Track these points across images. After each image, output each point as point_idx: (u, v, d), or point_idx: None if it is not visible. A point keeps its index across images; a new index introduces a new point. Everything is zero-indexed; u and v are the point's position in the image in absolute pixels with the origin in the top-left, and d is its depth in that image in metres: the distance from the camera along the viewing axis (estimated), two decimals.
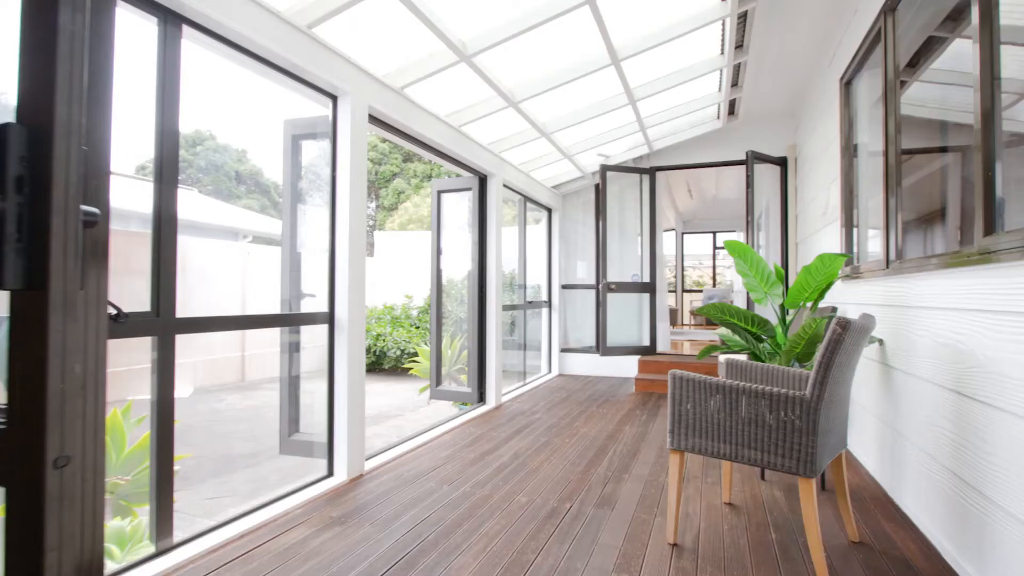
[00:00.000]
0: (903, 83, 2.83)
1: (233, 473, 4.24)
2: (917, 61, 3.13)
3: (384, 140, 27.69)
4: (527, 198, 6.03)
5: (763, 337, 2.96)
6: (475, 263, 4.85)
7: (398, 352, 9.79)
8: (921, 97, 3.29)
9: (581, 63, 3.85)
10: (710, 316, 3.01)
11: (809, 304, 2.91)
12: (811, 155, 4.90)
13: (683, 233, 13.02)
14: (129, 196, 8.35)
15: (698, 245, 14.12)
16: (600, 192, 5.96)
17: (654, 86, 4.43)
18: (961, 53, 2.87)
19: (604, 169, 5.94)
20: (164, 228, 2.20)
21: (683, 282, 12.69)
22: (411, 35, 3.16)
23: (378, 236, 13.13)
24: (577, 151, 5.53)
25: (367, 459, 3.20)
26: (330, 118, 3.04)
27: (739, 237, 12.82)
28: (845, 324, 1.90)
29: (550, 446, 3.63)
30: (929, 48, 3.11)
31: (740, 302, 12.97)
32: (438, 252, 5.08)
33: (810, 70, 4.60)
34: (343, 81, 2.95)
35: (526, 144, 5.02)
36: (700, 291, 13.41)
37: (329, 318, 2.94)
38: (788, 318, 2.99)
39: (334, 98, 3.02)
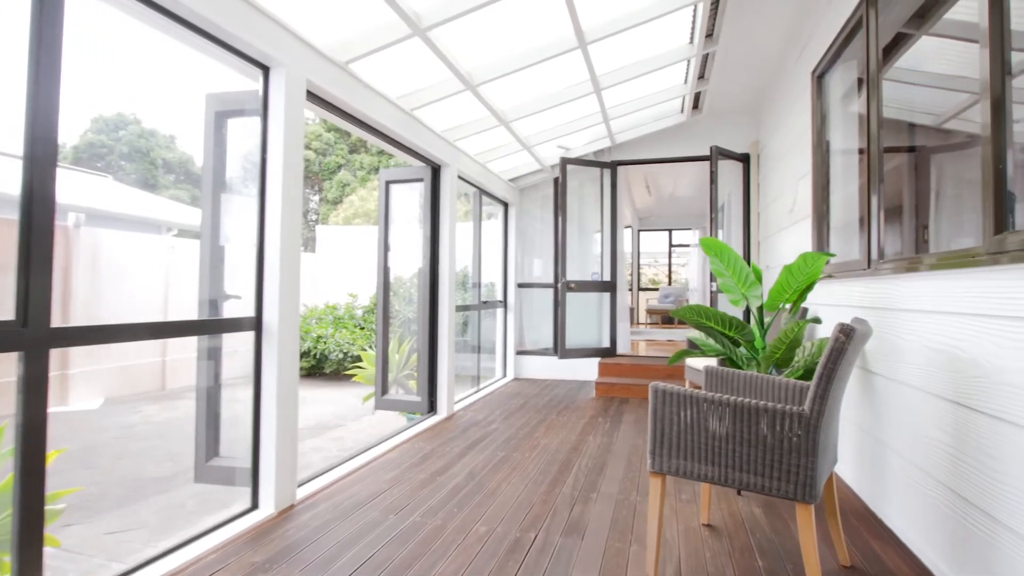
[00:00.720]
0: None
1: (143, 501, 3.70)
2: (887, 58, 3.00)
3: (329, 129, 26.65)
4: (483, 191, 5.69)
5: (740, 341, 2.75)
6: (426, 260, 4.48)
7: (341, 355, 9.24)
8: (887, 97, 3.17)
9: (547, 45, 3.55)
10: (686, 319, 2.77)
11: (787, 306, 2.71)
12: (776, 152, 4.79)
13: (639, 231, 13.01)
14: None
15: (654, 243, 14.18)
16: (560, 186, 5.70)
17: (620, 74, 4.19)
18: (924, 52, 2.76)
19: (564, 162, 5.68)
20: (37, 215, 1.73)
21: (639, 280, 12.68)
22: (358, 2, 2.77)
23: (320, 231, 12.46)
24: (537, 142, 5.24)
25: (300, 485, 2.78)
26: (260, 92, 2.61)
27: (694, 235, 12.93)
28: (848, 331, 1.68)
29: (509, 462, 3.31)
30: (897, 45, 2.98)
31: (697, 300, 13.10)
32: (386, 248, 4.67)
33: (777, 64, 4.48)
34: (277, 49, 2.53)
35: (484, 133, 4.69)
36: (656, 289, 13.45)
37: (256, 323, 2.51)
38: (766, 321, 2.79)
39: (266, 69, 2.59)
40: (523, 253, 6.76)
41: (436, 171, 4.54)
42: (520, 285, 6.70)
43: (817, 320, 2.55)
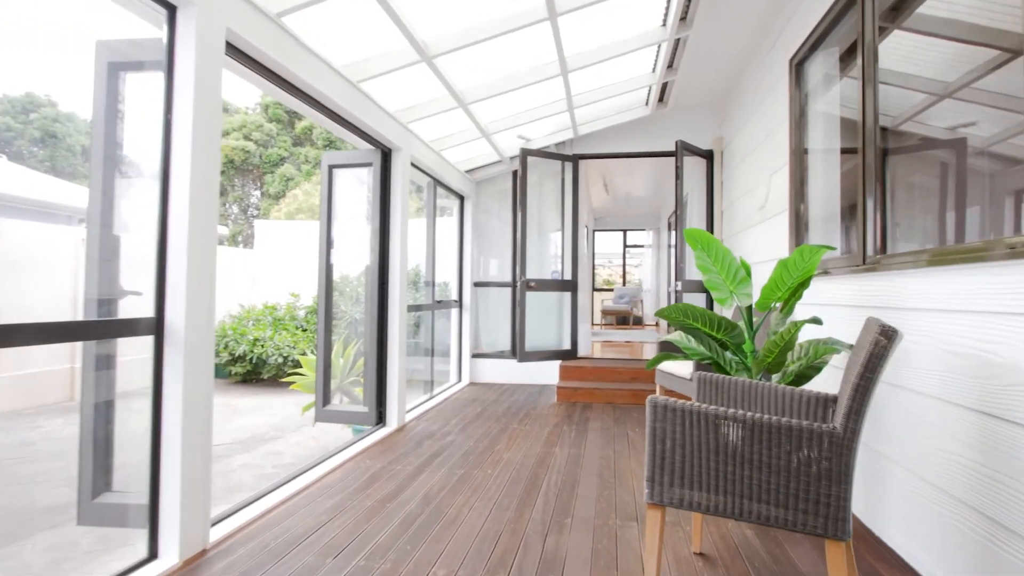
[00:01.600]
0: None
1: (29, 538, 3.08)
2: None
3: (272, 119, 25.43)
4: (438, 181, 5.27)
5: (728, 344, 2.47)
6: (375, 254, 4.03)
7: (280, 359, 8.57)
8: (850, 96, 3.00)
9: (514, 15, 3.19)
10: (670, 319, 2.47)
11: (778, 305, 2.46)
12: (742, 148, 4.62)
13: (594, 231, 12.86)
14: None
15: (608, 244, 14.08)
16: (520, 179, 5.36)
17: (589, 56, 3.88)
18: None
19: (525, 153, 5.34)
20: None
21: (594, 280, 12.53)
22: None
23: (259, 225, 11.64)
24: (497, 129, 4.88)
25: (215, 523, 2.30)
26: (165, 39, 2.12)
27: (648, 237, 12.90)
28: (891, 333, 1.39)
29: (469, 481, 2.92)
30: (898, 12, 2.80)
31: (651, 301, 13.08)
32: (328, 242, 4.18)
33: (748, 55, 4.29)
34: None
35: (440, 116, 4.28)
36: (611, 290, 13.35)
37: (156, 326, 2.02)
38: (755, 322, 2.53)
39: (171, 8, 2.10)
40: (480, 250, 6.38)
41: (386, 156, 4.09)
42: (476, 284, 6.32)
43: (817, 321, 2.30)
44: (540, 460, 3.30)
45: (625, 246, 13.51)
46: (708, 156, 5.50)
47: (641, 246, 13.59)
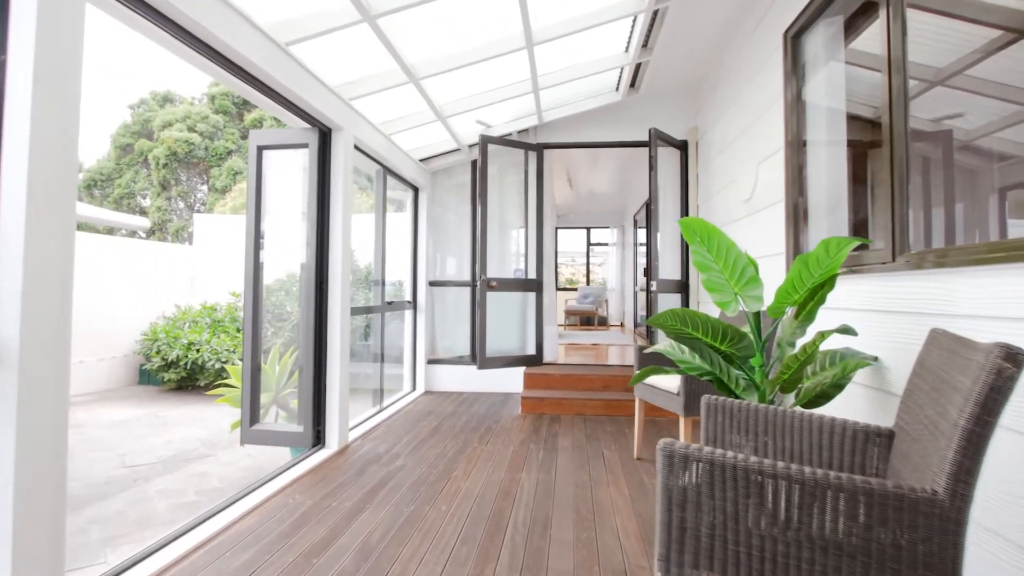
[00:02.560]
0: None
1: None
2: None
3: (218, 111, 24.14)
4: (388, 170, 4.72)
5: (733, 357, 2.07)
6: (312, 249, 3.46)
7: (219, 365, 7.81)
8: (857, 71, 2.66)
9: None
10: (664, 327, 2.05)
11: (790, 311, 2.06)
12: (722, 136, 4.27)
13: (556, 228, 12.48)
14: None
15: (571, 242, 13.75)
16: (480, 169, 4.87)
17: (559, 28, 3.43)
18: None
19: (485, 141, 4.85)
20: None
21: (557, 280, 12.16)
22: None
23: (199, 220, 10.73)
24: (454, 112, 4.37)
25: None
26: None
27: (612, 235, 12.62)
28: (1019, 358, 0.98)
29: (420, 523, 2.42)
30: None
31: (616, 301, 12.80)
32: (258, 236, 3.58)
33: (731, 32, 3.93)
34: None
35: (389, 93, 3.74)
36: (574, 289, 13.01)
37: None
38: (764, 331, 2.13)
39: None
40: (436, 247, 5.86)
41: (325, 136, 3.53)
42: (432, 283, 5.80)
43: (849, 331, 1.90)
44: (504, 490, 2.83)
45: (589, 244, 13.20)
46: (682, 147, 5.15)
47: (605, 244, 13.31)
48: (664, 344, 2.36)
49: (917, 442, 1.22)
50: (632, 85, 4.86)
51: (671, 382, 3.00)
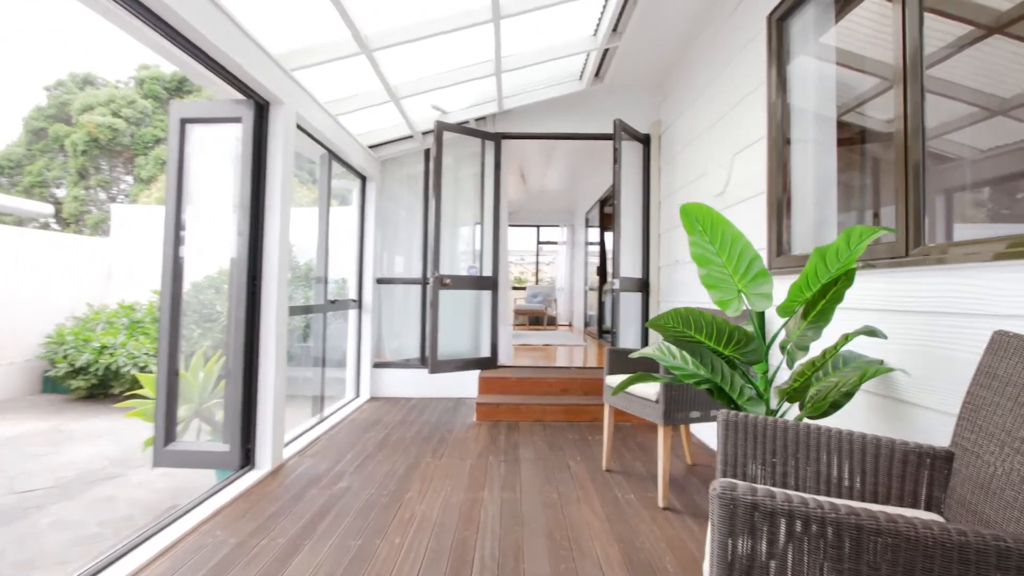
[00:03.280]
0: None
1: None
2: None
3: (147, 96, 22.47)
4: (334, 155, 4.27)
5: (736, 363, 1.83)
6: (243, 240, 3.00)
7: (137, 370, 7.03)
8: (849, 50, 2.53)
9: None
10: (664, 331, 1.78)
11: (799, 310, 1.84)
12: (689, 129, 4.10)
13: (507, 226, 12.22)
14: None
15: (520, 240, 13.51)
16: (435, 159, 4.50)
17: (529, 1, 3.13)
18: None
19: (441, 128, 4.49)
20: None
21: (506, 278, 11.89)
22: None
23: (117, 211, 9.72)
24: (409, 93, 3.98)
25: None
26: None
27: (562, 233, 12.47)
28: None
29: (369, 562, 2.05)
30: None
31: (565, 300, 12.65)
32: (177, 224, 3.07)
33: (704, 19, 3.75)
34: None
35: (338, 64, 3.32)
36: (523, 288, 12.77)
37: None
38: (769, 334, 1.91)
39: None
40: (384, 243, 5.43)
41: (262, 110, 3.08)
42: (380, 281, 5.37)
43: (876, 333, 1.69)
44: (466, 515, 2.49)
45: (538, 243, 13.01)
46: (645, 141, 4.98)
47: (555, 243, 13.16)
48: (651, 348, 2.10)
49: (998, 468, 1.00)
50: (597, 74, 4.63)
51: (648, 388, 2.76)
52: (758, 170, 2.95)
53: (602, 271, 9.25)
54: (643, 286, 4.98)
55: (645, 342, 4.95)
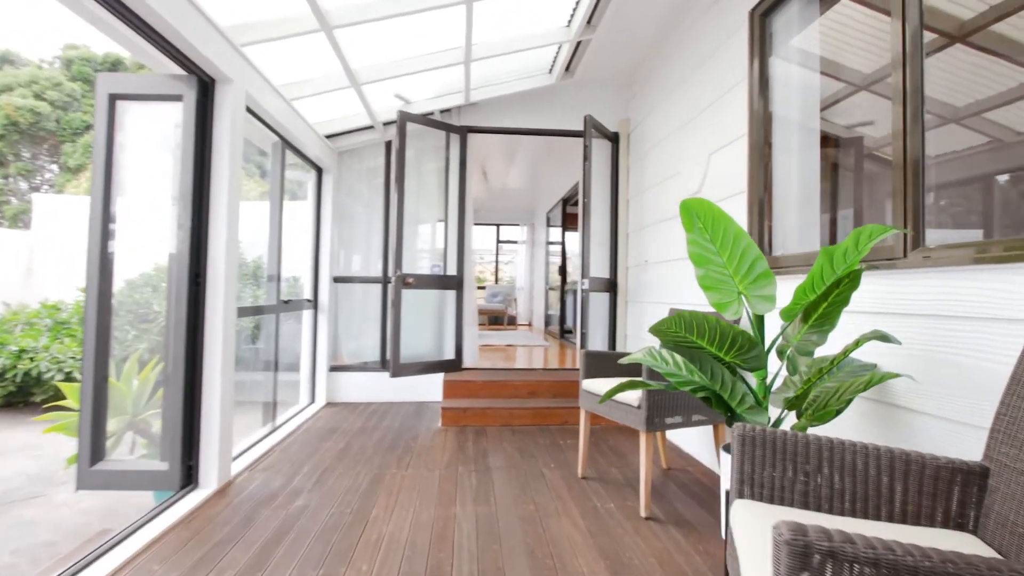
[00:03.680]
0: None
1: None
2: None
3: (75, 78, 20.96)
4: (288, 143, 3.96)
5: (735, 368, 1.72)
6: (184, 233, 2.70)
7: (62, 376, 6.43)
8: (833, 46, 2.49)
9: None
10: (665, 337, 1.65)
11: (800, 314, 1.75)
12: (661, 127, 4.03)
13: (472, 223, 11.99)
14: None
15: (480, 239, 13.30)
16: (398, 151, 4.25)
17: None
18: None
19: (404, 118, 4.25)
20: None
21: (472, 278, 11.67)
22: None
23: (40, 201, 8.93)
24: (371, 79, 3.73)
25: None
26: None
27: (522, 232, 12.36)
28: None
29: None
30: None
31: (525, 300, 12.53)
32: (106, 214, 2.73)
33: (679, 14, 3.68)
34: None
35: (294, 42, 3.05)
36: (483, 288, 12.57)
37: None
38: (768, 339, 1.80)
39: None
40: (341, 240, 5.13)
41: (207, 89, 2.78)
42: (337, 280, 5.07)
43: (887, 338, 1.60)
44: (439, 533, 2.29)
45: (498, 242, 12.85)
46: (614, 139, 4.89)
47: (515, 242, 13.03)
48: (641, 353, 1.97)
49: None
50: (567, 69, 4.50)
51: (630, 394, 2.64)
52: (737, 169, 2.89)
53: (563, 271, 9.18)
54: (611, 286, 4.90)
55: (613, 343, 4.87)
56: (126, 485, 2.62)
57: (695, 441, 3.45)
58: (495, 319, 11.59)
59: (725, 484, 1.79)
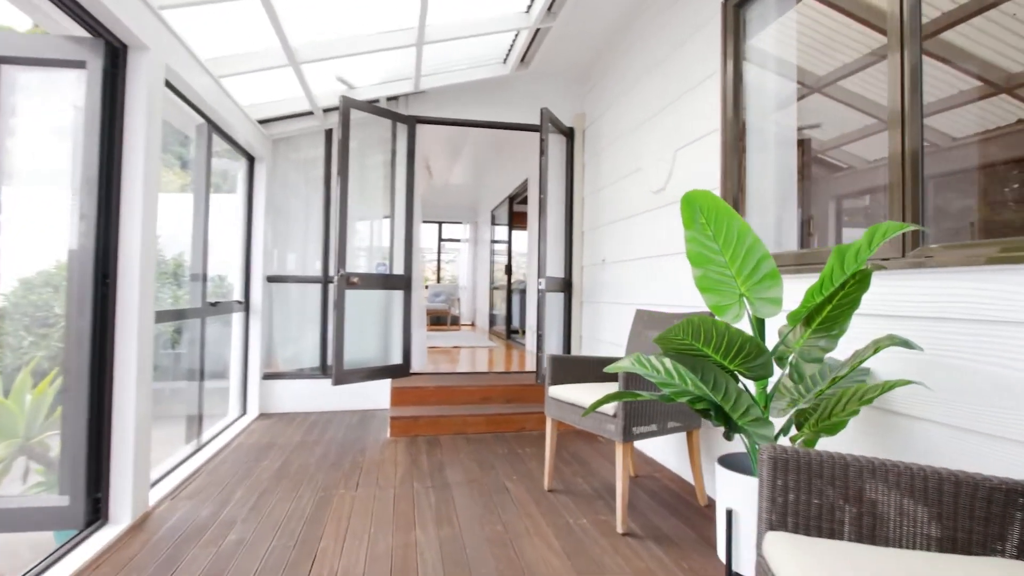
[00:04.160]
0: None
1: None
2: None
3: None
4: (215, 127, 3.54)
5: (738, 376, 1.58)
6: (90, 226, 2.28)
7: None
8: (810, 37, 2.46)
9: None
10: (667, 345, 1.48)
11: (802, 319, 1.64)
12: (621, 122, 3.92)
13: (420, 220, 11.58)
14: None
15: (421, 237, 12.89)
16: (341, 140, 3.91)
17: None
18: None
19: (348, 104, 3.91)
20: None
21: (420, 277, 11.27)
22: None
23: None
24: (311, 58, 3.37)
25: None
26: None
27: (465, 231, 12.10)
28: None
29: None
30: None
31: (468, 300, 12.26)
32: None
33: (641, 6, 3.57)
34: None
35: (222, 7, 2.68)
36: (426, 287, 12.19)
37: None
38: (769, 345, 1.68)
39: None
40: (276, 237, 4.70)
41: (117, 56, 2.36)
42: (271, 279, 4.64)
43: (908, 344, 1.49)
44: (400, 566, 2.04)
45: (440, 240, 12.52)
46: (569, 134, 4.76)
47: (457, 240, 12.75)
48: (628, 360, 1.80)
49: None
50: (523, 60, 4.31)
51: (594, 400, 2.48)
52: (708, 165, 2.80)
53: (509, 269, 9.02)
54: (566, 286, 4.77)
55: (568, 346, 4.74)
56: (16, 526, 2.19)
57: (660, 446, 3.36)
58: (438, 319, 11.28)
59: (725, 502, 1.65)
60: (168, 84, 2.74)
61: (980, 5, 1.68)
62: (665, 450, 3.29)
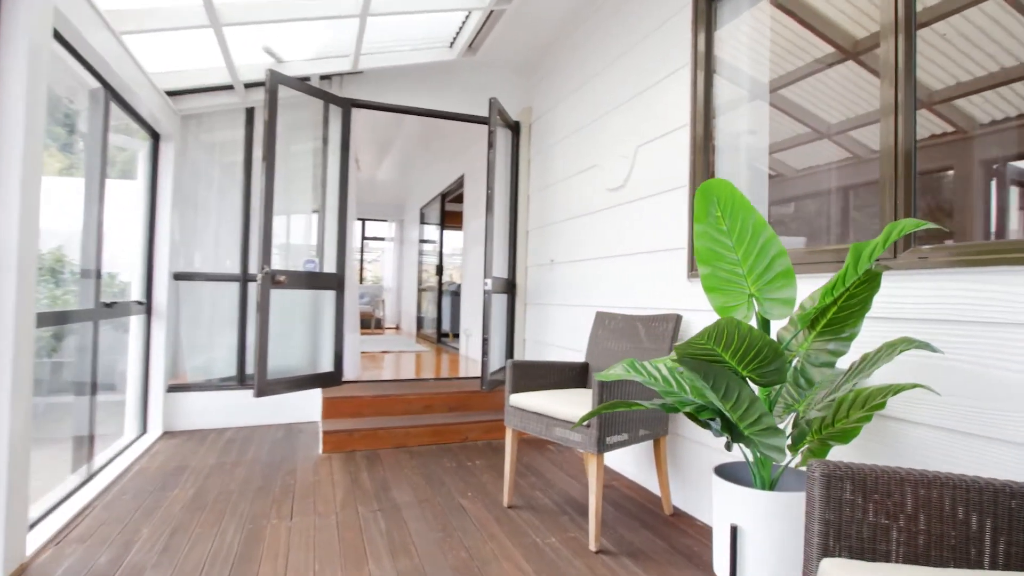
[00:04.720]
0: None
1: None
2: None
3: None
4: (113, 93, 2.99)
5: (750, 381, 1.45)
6: None
7: None
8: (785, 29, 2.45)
9: None
10: (688, 354, 1.32)
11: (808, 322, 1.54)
12: (573, 117, 3.79)
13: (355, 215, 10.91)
14: None
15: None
16: (266, 121, 3.47)
17: None
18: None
19: (276, 79, 3.48)
20: None
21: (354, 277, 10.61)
22: None
23: None
24: (237, 20, 2.94)
25: None
26: None
27: (391, 228, 11.62)
28: None
29: None
30: None
31: (393, 301, 11.72)
32: None
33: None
34: None
35: None
36: None
37: None
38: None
39: None
40: (184, 229, 4.14)
41: None
42: (178, 276, 4.07)
43: (927, 346, 1.41)
44: None
45: (364, 238, 11.93)
46: (515, 128, 4.58)
47: (382, 239, 12.21)
48: (619, 367, 1.63)
49: None
50: (470, 45, 4.07)
51: (570, 410, 2.31)
52: (675, 163, 2.71)
53: (440, 270, 8.70)
54: (510, 287, 4.58)
55: (511, 349, 4.55)
56: None
57: (617, 454, 3.24)
58: (362, 322, 10.71)
59: (726, 517, 1.52)
60: (57, 34, 2.24)
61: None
62: (622, 458, 3.18)
